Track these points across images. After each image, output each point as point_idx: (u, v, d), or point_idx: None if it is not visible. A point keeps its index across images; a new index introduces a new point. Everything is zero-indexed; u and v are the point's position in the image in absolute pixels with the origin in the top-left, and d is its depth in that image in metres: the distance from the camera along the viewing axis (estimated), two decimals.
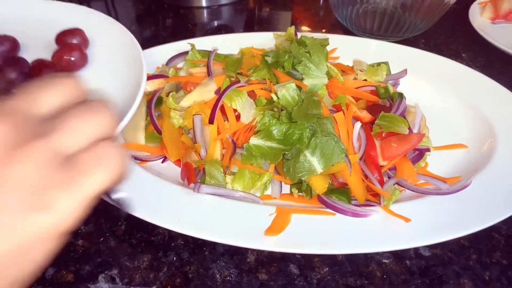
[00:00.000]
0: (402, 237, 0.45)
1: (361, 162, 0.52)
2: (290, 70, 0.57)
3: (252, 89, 0.56)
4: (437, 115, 0.62)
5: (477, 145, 0.58)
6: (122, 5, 1.00)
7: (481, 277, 0.46)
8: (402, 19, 0.80)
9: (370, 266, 0.47)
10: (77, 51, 0.56)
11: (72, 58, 0.55)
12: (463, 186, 0.50)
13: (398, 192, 0.50)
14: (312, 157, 0.48)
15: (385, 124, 0.52)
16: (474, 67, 0.74)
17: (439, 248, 0.48)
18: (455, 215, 0.48)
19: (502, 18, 0.90)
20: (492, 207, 0.48)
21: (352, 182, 0.50)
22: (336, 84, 0.58)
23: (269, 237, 0.45)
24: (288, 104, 0.52)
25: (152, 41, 0.73)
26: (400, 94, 0.58)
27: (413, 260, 0.47)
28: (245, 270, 0.46)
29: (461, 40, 0.88)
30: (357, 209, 0.48)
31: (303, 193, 0.51)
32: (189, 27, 0.92)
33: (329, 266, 0.47)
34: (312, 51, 0.56)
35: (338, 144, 0.49)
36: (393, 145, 0.52)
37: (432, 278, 0.46)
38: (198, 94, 0.56)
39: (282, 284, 0.45)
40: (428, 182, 0.53)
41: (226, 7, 1.00)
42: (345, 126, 0.53)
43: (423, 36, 0.88)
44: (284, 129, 0.50)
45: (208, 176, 0.51)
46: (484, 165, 0.54)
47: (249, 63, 0.62)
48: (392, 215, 0.47)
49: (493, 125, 0.59)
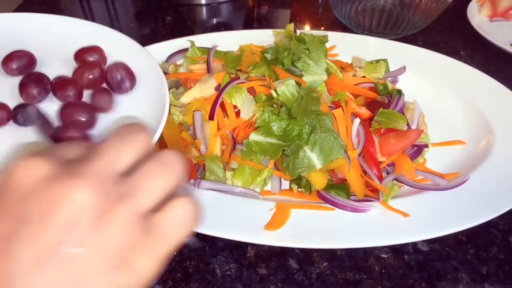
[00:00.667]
0: (401, 232, 0.46)
1: (360, 158, 0.53)
2: (289, 66, 0.57)
3: (252, 86, 0.56)
4: (435, 112, 0.62)
5: (474, 141, 0.59)
6: (121, 2, 1.00)
7: (479, 272, 0.46)
8: (401, 17, 0.80)
9: (368, 261, 0.47)
10: (98, 68, 0.56)
11: (93, 75, 0.55)
12: (461, 182, 0.51)
13: (397, 188, 0.51)
14: (311, 153, 0.49)
15: (384, 120, 0.53)
16: (472, 64, 0.74)
17: (437, 243, 0.49)
18: (453, 210, 0.48)
19: (500, 16, 0.91)
20: (490, 202, 0.49)
21: (351, 177, 0.50)
22: (335, 81, 0.59)
23: (269, 232, 0.45)
24: (287, 100, 0.52)
25: (152, 39, 0.73)
26: (398, 91, 0.59)
27: (411, 255, 0.48)
28: (245, 265, 0.47)
29: (459, 38, 0.88)
30: (356, 204, 0.48)
31: (302, 188, 0.52)
32: (188, 25, 0.92)
33: (328, 261, 0.47)
34: (311, 48, 0.57)
35: (337, 140, 0.49)
36: (392, 141, 0.52)
37: (430, 273, 0.46)
38: (198, 90, 0.57)
39: (281, 278, 0.45)
40: (426, 178, 0.53)
41: (225, 4, 1.00)
42: (344, 122, 0.53)
43: (421, 34, 0.88)
44: (284, 125, 0.50)
45: (208, 172, 0.51)
46: (481, 161, 0.54)
47: (248, 60, 0.62)
48: (390, 210, 0.48)
49: (490, 122, 0.60)
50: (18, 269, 0.21)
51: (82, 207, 0.23)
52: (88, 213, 0.23)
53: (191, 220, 0.27)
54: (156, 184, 0.26)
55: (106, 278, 0.23)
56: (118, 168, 0.25)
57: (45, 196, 0.22)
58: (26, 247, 0.22)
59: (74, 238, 0.22)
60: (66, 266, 0.22)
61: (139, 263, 0.24)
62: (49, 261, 0.22)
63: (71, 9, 0.96)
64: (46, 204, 0.22)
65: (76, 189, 0.23)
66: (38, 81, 0.53)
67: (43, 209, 0.22)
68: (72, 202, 0.22)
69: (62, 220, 0.22)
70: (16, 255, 0.22)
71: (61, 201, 0.22)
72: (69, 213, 0.22)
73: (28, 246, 0.22)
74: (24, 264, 0.21)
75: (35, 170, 0.23)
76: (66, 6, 0.97)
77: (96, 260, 0.23)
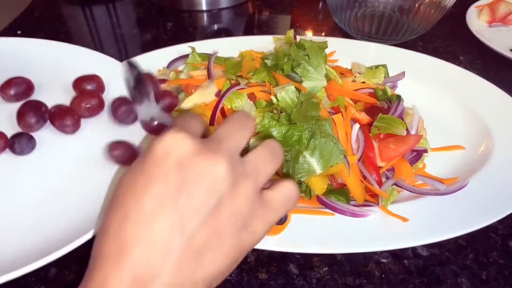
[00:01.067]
0: (400, 236, 0.46)
1: (359, 163, 0.53)
2: (289, 72, 0.58)
3: (252, 91, 0.56)
4: (435, 117, 0.62)
5: (474, 146, 0.59)
6: (123, 9, 1.00)
7: (478, 277, 0.47)
8: (400, 23, 0.81)
9: (368, 266, 0.47)
10: (96, 98, 0.56)
11: (91, 105, 0.56)
12: (460, 187, 0.51)
13: (396, 193, 0.51)
14: (311, 158, 0.49)
15: (383, 125, 0.53)
16: (472, 69, 0.75)
17: (437, 247, 0.49)
18: (452, 215, 0.48)
19: (499, 22, 0.91)
20: (489, 207, 0.49)
21: (350, 182, 0.51)
22: (335, 87, 0.59)
23: (269, 236, 0.45)
24: (287, 106, 0.53)
25: (153, 45, 0.74)
26: (398, 96, 0.59)
27: (411, 260, 0.48)
28: (245, 270, 0.47)
29: (458, 43, 0.88)
30: (355, 209, 0.48)
31: (302, 193, 0.52)
32: (189, 31, 0.93)
33: (328, 266, 0.47)
34: (311, 54, 0.57)
35: (337, 146, 0.49)
36: (391, 146, 0.53)
37: (430, 278, 0.46)
38: (199, 96, 0.57)
39: (281, 283, 0.46)
40: (425, 183, 0.53)
41: (226, 11, 1.01)
42: (344, 128, 0.53)
43: (421, 39, 0.89)
44: (284, 130, 0.50)
45: None
46: (481, 166, 0.55)
47: (249, 66, 0.62)
48: (390, 215, 0.48)
49: (489, 127, 0.60)
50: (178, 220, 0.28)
51: (221, 177, 0.29)
52: (225, 182, 0.29)
53: (294, 198, 0.34)
54: (268, 168, 0.33)
55: (236, 235, 0.30)
56: (239, 149, 0.33)
57: (195, 167, 0.29)
58: (183, 202, 0.28)
59: (214, 200, 0.29)
60: (208, 222, 0.28)
61: (257, 227, 0.31)
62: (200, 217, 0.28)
63: (74, 16, 0.97)
64: (196, 173, 0.29)
65: (217, 163, 0.29)
66: (36, 110, 0.54)
67: (195, 177, 0.29)
68: (215, 173, 0.29)
69: (207, 185, 0.29)
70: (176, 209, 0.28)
71: (208, 172, 0.29)
72: (213, 181, 0.29)
73: (184, 202, 0.28)
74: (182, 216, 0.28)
75: (182, 143, 0.30)
76: (69, 13, 0.98)
77: (230, 220, 0.29)
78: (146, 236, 0.27)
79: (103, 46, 0.87)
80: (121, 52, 0.85)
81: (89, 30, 0.92)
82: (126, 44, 0.88)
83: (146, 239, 0.27)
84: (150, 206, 0.28)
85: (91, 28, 0.93)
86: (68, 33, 0.90)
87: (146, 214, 0.28)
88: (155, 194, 0.28)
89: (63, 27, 0.92)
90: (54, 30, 0.90)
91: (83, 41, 0.87)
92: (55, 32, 0.89)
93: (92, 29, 0.93)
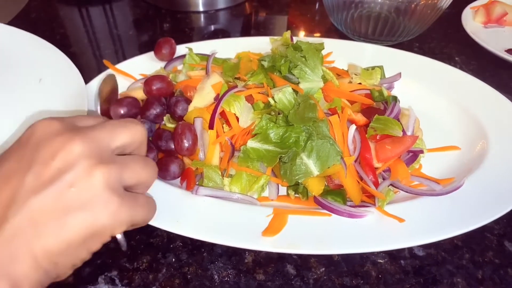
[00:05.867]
0: (397, 237, 0.46)
1: (356, 164, 0.53)
2: (286, 74, 0.58)
3: (250, 94, 0.56)
4: (431, 118, 0.63)
5: (469, 146, 0.60)
6: (119, 10, 1.00)
7: (474, 276, 0.47)
8: (396, 24, 0.81)
9: (365, 266, 0.48)
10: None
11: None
12: (456, 187, 0.51)
13: (393, 193, 0.51)
14: (308, 160, 0.49)
15: (380, 126, 0.53)
16: (467, 70, 0.75)
17: (433, 248, 0.49)
18: (448, 215, 0.49)
19: (494, 23, 0.92)
20: (485, 207, 0.49)
21: (347, 183, 0.51)
22: (332, 88, 0.59)
23: (267, 238, 0.46)
24: (284, 107, 0.53)
25: (150, 45, 0.74)
26: (394, 97, 0.59)
27: (407, 260, 0.48)
28: (243, 271, 0.47)
29: (454, 44, 0.89)
30: (352, 210, 0.48)
31: (299, 194, 0.52)
32: (186, 32, 0.93)
33: (325, 266, 0.47)
34: (308, 55, 0.57)
35: (334, 147, 0.50)
36: (387, 147, 0.53)
37: (426, 278, 0.47)
38: (198, 100, 0.57)
39: (279, 284, 0.46)
40: (421, 183, 0.54)
41: (223, 11, 1.01)
42: (340, 129, 0.54)
43: (417, 40, 0.89)
44: (281, 132, 0.51)
45: (206, 178, 0.52)
46: (476, 166, 0.55)
47: (246, 67, 0.63)
48: (386, 215, 0.48)
49: (485, 127, 0.60)
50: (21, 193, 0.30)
51: (75, 156, 0.31)
52: (81, 162, 0.31)
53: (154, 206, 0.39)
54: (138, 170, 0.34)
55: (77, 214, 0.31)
56: (113, 144, 0.34)
57: (50, 145, 0.31)
58: (31, 177, 0.30)
59: (67, 178, 0.30)
60: (59, 197, 0.30)
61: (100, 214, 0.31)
62: (46, 191, 0.30)
63: (70, 16, 0.97)
64: (50, 150, 0.31)
65: (74, 142, 0.31)
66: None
67: (48, 154, 0.31)
68: (69, 151, 0.31)
69: (60, 163, 0.30)
70: (22, 184, 0.30)
71: (61, 149, 0.31)
72: (65, 159, 0.31)
73: (32, 178, 0.30)
74: (26, 190, 0.30)
75: (48, 126, 0.32)
76: (65, 14, 0.98)
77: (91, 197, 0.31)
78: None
79: (100, 47, 0.87)
80: (118, 53, 0.85)
81: (85, 31, 0.92)
82: (123, 45, 0.88)
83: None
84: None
85: (87, 29, 0.93)
86: (64, 34, 0.90)
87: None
88: (4, 171, 0.32)
89: (60, 28, 0.92)
90: (51, 31, 0.90)
91: (80, 42, 0.87)
92: (51, 33, 0.89)
93: (88, 30, 0.93)
